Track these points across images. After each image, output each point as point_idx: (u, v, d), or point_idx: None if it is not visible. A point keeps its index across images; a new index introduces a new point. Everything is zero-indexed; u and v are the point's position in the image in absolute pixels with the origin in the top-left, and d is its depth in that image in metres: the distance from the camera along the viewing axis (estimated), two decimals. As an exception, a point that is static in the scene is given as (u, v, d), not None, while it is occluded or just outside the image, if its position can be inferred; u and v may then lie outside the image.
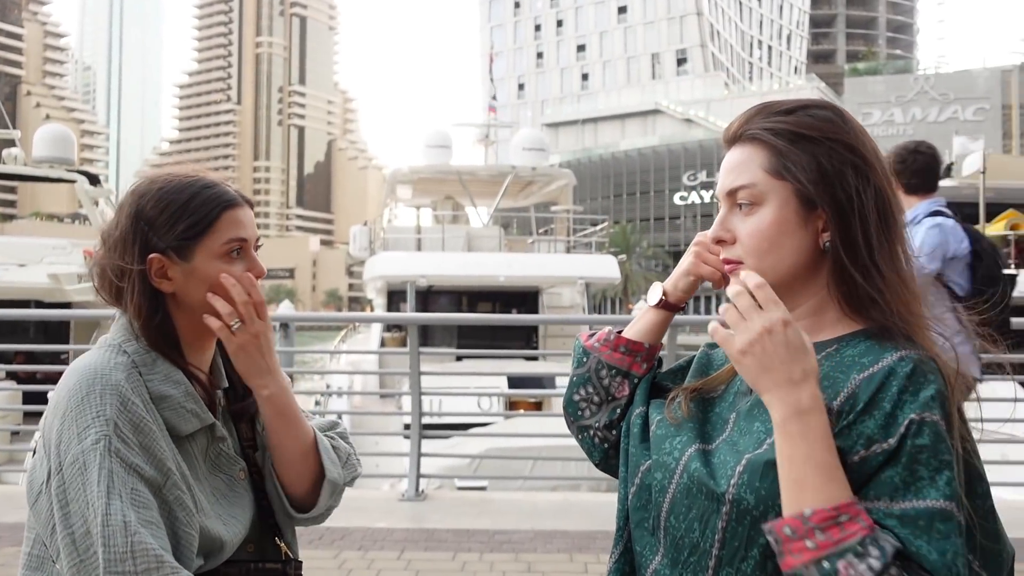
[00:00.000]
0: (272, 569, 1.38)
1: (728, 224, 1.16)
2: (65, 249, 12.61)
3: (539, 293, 15.42)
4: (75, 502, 1.18)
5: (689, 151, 66.57)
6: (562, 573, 4.15)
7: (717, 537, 1.05)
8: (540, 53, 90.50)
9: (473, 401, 9.45)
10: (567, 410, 1.34)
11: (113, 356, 1.29)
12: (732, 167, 1.16)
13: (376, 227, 17.94)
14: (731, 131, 1.18)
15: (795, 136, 1.11)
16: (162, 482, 1.23)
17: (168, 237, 1.34)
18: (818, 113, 1.13)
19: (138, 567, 1.14)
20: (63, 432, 1.22)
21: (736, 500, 1.03)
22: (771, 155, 1.12)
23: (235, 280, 1.35)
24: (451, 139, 18.24)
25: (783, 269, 1.12)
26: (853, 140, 1.11)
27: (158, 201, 1.35)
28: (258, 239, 1.44)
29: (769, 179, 1.12)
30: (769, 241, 1.11)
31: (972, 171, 14.35)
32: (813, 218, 1.11)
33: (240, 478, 1.40)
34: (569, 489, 7.32)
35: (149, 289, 1.35)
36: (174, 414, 1.29)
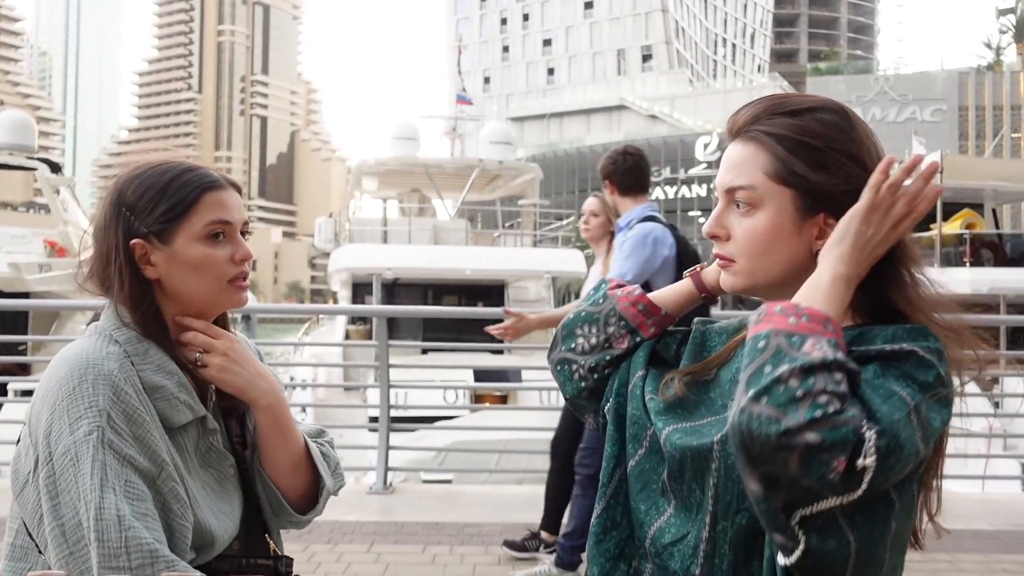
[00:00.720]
0: (264, 565, 1.37)
1: (724, 220, 1.16)
2: (25, 238, 12.36)
3: (505, 287, 15.42)
4: (65, 493, 1.16)
5: (654, 147, 66.84)
6: (531, 565, 4.15)
7: (710, 494, 1.07)
8: (506, 47, 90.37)
9: (439, 394, 9.44)
10: (561, 336, 1.34)
11: (105, 345, 1.27)
12: (733, 165, 1.15)
13: (341, 219, 17.82)
14: (737, 124, 1.17)
15: (798, 143, 1.10)
16: (156, 473, 1.21)
17: (148, 221, 1.32)
18: (824, 118, 1.12)
19: (132, 562, 1.12)
20: (53, 422, 1.19)
21: (724, 455, 1.05)
22: (773, 159, 1.11)
23: (189, 326, 1.36)
24: (419, 131, 18.15)
25: (775, 272, 1.13)
26: (856, 149, 1.11)
27: (138, 186, 1.34)
28: (246, 223, 1.41)
29: (769, 183, 1.11)
30: (763, 245, 1.12)
31: (930, 171, 14.58)
32: (809, 225, 1.11)
33: (230, 475, 1.38)
34: (535, 482, 7.34)
35: (135, 275, 1.33)
36: (167, 405, 1.27)
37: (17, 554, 1.27)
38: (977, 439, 7.33)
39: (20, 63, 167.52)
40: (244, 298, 1.41)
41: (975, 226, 14.84)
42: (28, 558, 1.26)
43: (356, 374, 12.16)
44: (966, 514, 4.98)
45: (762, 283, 1.15)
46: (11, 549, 1.28)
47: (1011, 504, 5.56)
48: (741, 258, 1.15)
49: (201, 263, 1.34)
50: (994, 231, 16.18)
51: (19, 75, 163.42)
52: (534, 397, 10.36)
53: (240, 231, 1.40)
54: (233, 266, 1.37)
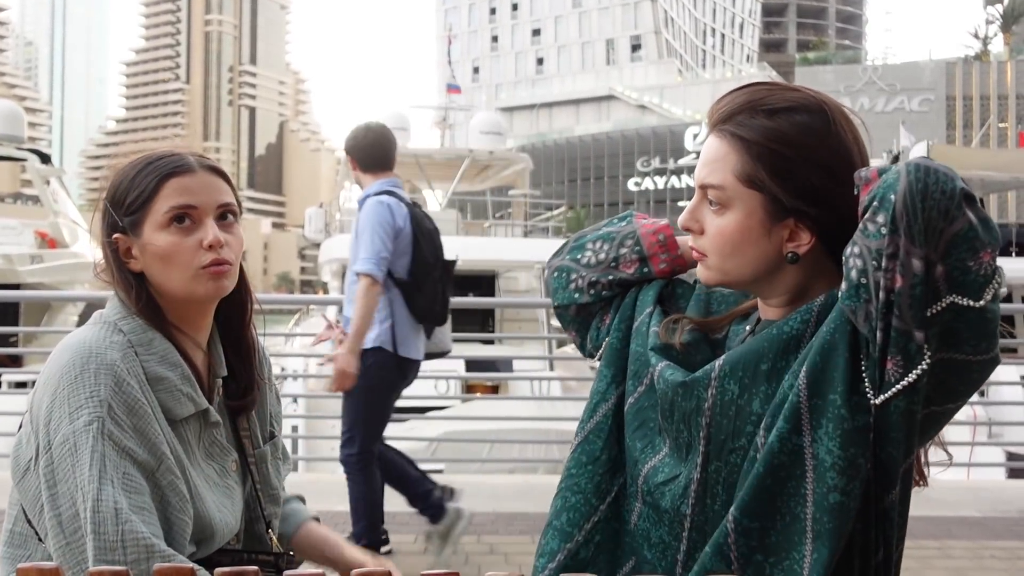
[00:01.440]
0: (264, 560, 1.36)
1: (698, 214, 1.16)
2: (15, 229, 12.29)
3: (495, 277, 15.42)
4: (63, 483, 1.15)
5: (643, 137, 66.91)
6: (524, 554, 4.17)
7: (702, 434, 1.07)
8: (495, 37, 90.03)
9: (430, 384, 9.44)
10: (570, 247, 1.35)
11: (109, 334, 1.26)
12: (707, 161, 1.14)
13: (332, 209, 17.77)
14: (716, 115, 1.15)
15: (768, 150, 1.08)
16: (155, 466, 1.20)
17: (121, 214, 1.31)
18: (801, 121, 1.08)
19: (128, 556, 1.12)
20: (54, 410, 1.18)
21: (720, 390, 1.07)
22: (744, 161, 1.09)
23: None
24: (409, 122, 18.10)
25: (746, 272, 1.13)
26: (829, 157, 1.08)
27: (117, 179, 1.34)
28: (226, 205, 1.34)
29: (738, 185, 1.10)
30: (732, 246, 1.12)
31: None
32: (778, 228, 1.10)
33: (232, 469, 1.37)
34: (527, 471, 7.37)
35: (123, 270, 1.32)
36: (169, 396, 1.26)
37: (16, 541, 1.27)
38: (962, 427, 7.38)
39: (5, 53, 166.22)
40: (222, 286, 1.32)
41: (962, 216, 14.91)
42: (27, 545, 1.26)
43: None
44: (953, 501, 5.01)
45: (734, 280, 1.16)
46: (9, 536, 1.28)
47: (997, 491, 5.61)
48: (712, 255, 1.14)
49: (167, 252, 1.29)
50: (982, 220, 16.26)
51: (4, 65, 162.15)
52: (525, 387, 10.38)
53: (222, 215, 1.33)
54: (204, 252, 1.29)
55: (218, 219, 1.33)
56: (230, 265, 1.33)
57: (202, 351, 1.37)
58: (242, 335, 1.44)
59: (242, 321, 1.44)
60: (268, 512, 1.43)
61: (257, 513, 1.42)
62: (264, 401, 1.49)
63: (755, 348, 1.08)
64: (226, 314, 1.42)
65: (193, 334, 1.35)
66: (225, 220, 1.34)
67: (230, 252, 1.32)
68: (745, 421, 1.05)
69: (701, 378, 1.09)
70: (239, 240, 1.36)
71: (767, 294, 1.16)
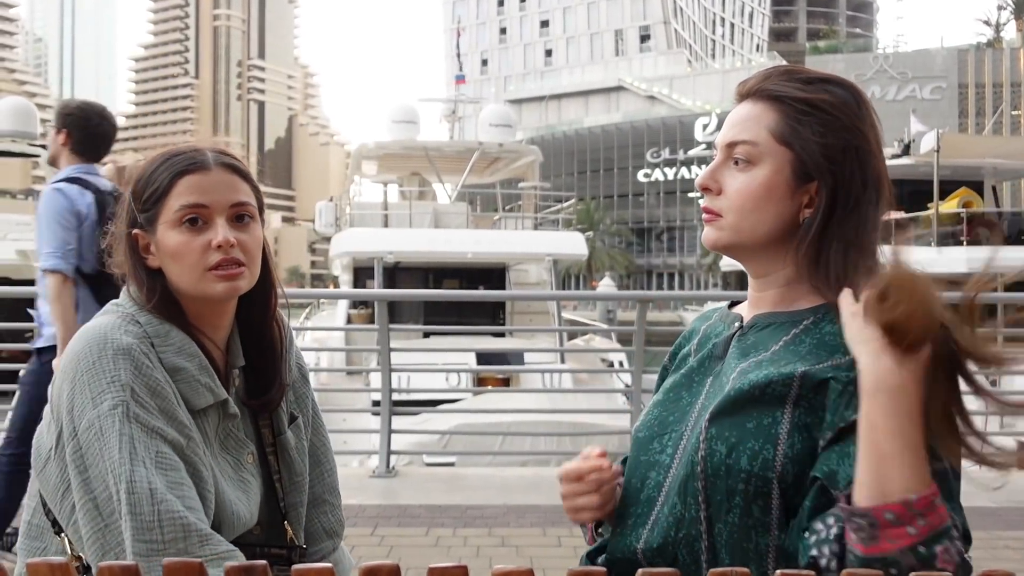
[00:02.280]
0: (277, 555, 1.35)
1: (718, 175, 1.17)
2: (29, 225, 12.38)
3: (506, 270, 15.42)
4: (94, 467, 1.15)
5: (652, 128, 66.71)
6: (535, 547, 4.17)
7: (701, 498, 1.07)
8: (503, 28, 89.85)
9: (441, 377, 9.46)
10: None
11: (124, 323, 1.26)
12: (738, 120, 1.16)
13: (342, 203, 17.79)
14: (746, 86, 1.18)
15: (808, 107, 1.12)
16: (184, 443, 1.20)
17: (139, 210, 1.31)
18: (836, 91, 1.13)
19: (165, 536, 1.12)
20: (75, 397, 1.18)
21: (709, 454, 1.06)
22: (780, 119, 1.13)
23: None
24: (418, 114, 18.09)
25: (761, 232, 1.13)
26: (862, 125, 1.12)
27: (138, 175, 1.33)
28: (240, 205, 1.32)
29: (772, 141, 1.12)
30: (755, 201, 1.12)
31: (927, 149, 14.57)
32: (802, 191, 1.12)
33: (248, 462, 1.36)
34: (538, 464, 7.38)
35: (141, 265, 1.32)
36: (187, 387, 1.26)
37: (33, 532, 1.28)
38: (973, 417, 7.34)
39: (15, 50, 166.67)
40: (232, 287, 1.30)
41: (972, 205, 14.82)
42: (43, 537, 1.27)
43: (359, 358, 12.18)
44: (966, 491, 5.00)
45: (746, 242, 1.15)
46: (27, 527, 1.29)
47: (1011, 481, 5.59)
48: (730, 213, 1.15)
49: (176, 251, 1.28)
50: (994, 209, 16.17)
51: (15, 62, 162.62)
52: (536, 379, 10.38)
53: (238, 215, 1.31)
54: (211, 253, 1.27)
55: (233, 219, 1.31)
56: (241, 266, 1.30)
57: (219, 346, 1.36)
58: (263, 332, 1.42)
59: (263, 318, 1.42)
60: (288, 502, 1.42)
61: (275, 504, 1.41)
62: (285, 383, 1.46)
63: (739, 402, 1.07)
64: (247, 310, 1.41)
65: (210, 330, 1.35)
66: (240, 220, 1.32)
67: (241, 253, 1.30)
68: (736, 480, 1.05)
69: (694, 443, 1.09)
70: (255, 240, 1.33)
71: (766, 269, 1.17)
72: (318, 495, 1.49)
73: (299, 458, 1.44)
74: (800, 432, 1.03)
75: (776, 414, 1.04)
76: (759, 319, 1.17)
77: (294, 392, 1.48)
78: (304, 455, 1.45)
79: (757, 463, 1.03)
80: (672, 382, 1.24)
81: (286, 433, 1.43)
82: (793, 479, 1.02)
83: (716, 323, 1.27)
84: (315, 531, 1.48)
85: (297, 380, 1.50)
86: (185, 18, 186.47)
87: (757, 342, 1.14)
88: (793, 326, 1.12)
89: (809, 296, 1.13)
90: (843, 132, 1.11)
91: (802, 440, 1.02)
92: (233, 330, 1.40)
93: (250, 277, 1.32)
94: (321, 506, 1.50)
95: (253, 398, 1.39)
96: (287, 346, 1.47)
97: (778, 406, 1.04)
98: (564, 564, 3.91)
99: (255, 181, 1.37)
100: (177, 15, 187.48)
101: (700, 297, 25.60)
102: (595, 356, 13.10)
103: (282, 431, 1.42)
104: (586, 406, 9.18)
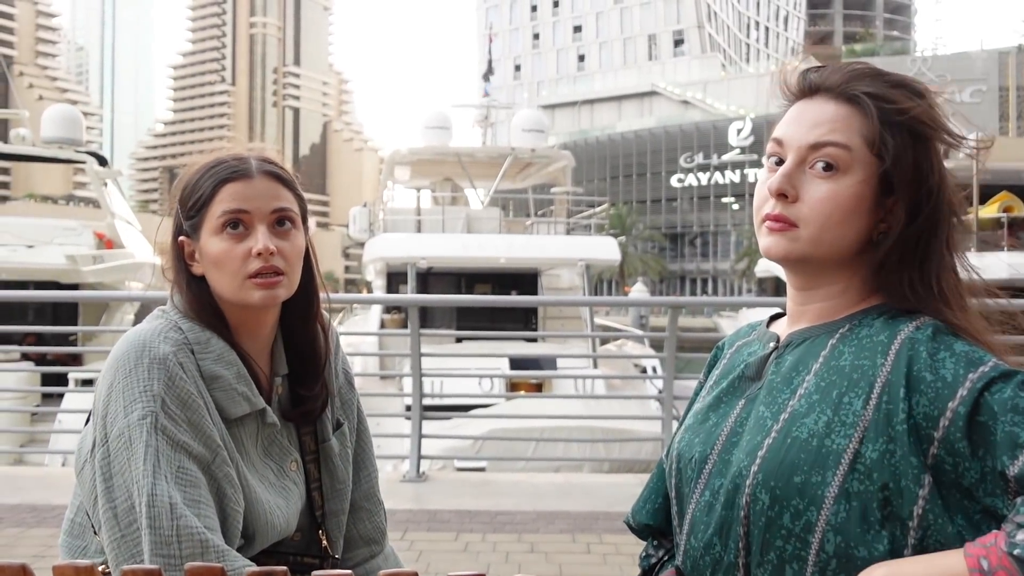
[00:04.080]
0: (310, 564, 1.36)
1: (795, 180, 1.05)
2: (75, 230, 12.65)
3: (538, 275, 15.42)
4: (119, 475, 1.17)
5: (686, 133, 66.36)
6: (564, 553, 4.16)
7: (741, 544, 1.03)
8: (536, 34, 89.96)
9: (474, 382, 9.47)
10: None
11: (166, 330, 1.27)
12: (824, 120, 1.05)
13: (376, 208, 17.92)
14: (821, 82, 1.08)
15: (899, 119, 1.04)
16: (211, 458, 1.21)
17: (185, 217, 1.33)
18: (919, 100, 1.05)
19: (183, 551, 1.13)
20: (110, 403, 1.21)
21: (753, 500, 1.01)
22: (872, 125, 1.03)
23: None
24: (451, 121, 18.17)
25: (841, 247, 1.05)
26: (943, 135, 1.06)
27: (184, 182, 1.35)
28: (282, 211, 1.32)
29: (864, 149, 1.03)
30: (842, 212, 1.03)
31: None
32: (884, 205, 1.04)
33: (291, 469, 1.37)
34: (571, 470, 7.36)
35: (185, 272, 1.33)
36: (224, 395, 1.27)
37: (75, 531, 1.30)
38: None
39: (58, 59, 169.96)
40: (272, 295, 1.30)
41: (1013, 209, 14.55)
42: (85, 536, 1.29)
43: (392, 363, 12.23)
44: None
45: (822, 255, 1.06)
46: (70, 525, 1.32)
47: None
48: (810, 224, 1.04)
49: (217, 258, 1.29)
50: (1036, 214, 15.85)
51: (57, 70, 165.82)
52: (569, 385, 10.36)
53: (279, 220, 1.31)
54: (252, 260, 1.28)
55: (274, 225, 1.31)
56: (280, 275, 1.30)
57: (262, 353, 1.37)
58: (306, 339, 1.42)
59: (305, 324, 1.42)
60: (328, 509, 1.42)
61: (311, 512, 1.41)
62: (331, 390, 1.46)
63: (792, 450, 1.01)
64: (289, 317, 1.41)
65: (252, 337, 1.35)
66: (282, 227, 1.31)
67: (282, 260, 1.30)
68: (775, 535, 1.00)
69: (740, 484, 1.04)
70: (295, 247, 1.32)
71: (819, 282, 1.10)
72: (354, 501, 1.49)
73: (343, 465, 1.44)
74: (848, 500, 0.96)
75: (827, 475, 0.97)
76: (795, 336, 1.11)
77: (340, 398, 1.48)
78: (348, 462, 1.45)
79: (799, 523, 0.98)
80: (703, 405, 1.18)
81: (330, 440, 1.43)
82: (835, 549, 0.96)
83: (752, 341, 1.21)
84: (352, 537, 1.48)
85: (343, 386, 1.50)
86: (222, 26, 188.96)
87: (797, 363, 1.08)
88: (829, 336, 1.07)
89: (851, 306, 1.09)
90: (929, 144, 1.05)
91: (848, 508, 0.96)
92: (277, 337, 1.40)
93: (289, 285, 1.32)
94: (357, 512, 1.49)
95: (296, 406, 1.39)
96: (333, 353, 1.47)
97: (831, 466, 0.97)
98: (593, 571, 3.89)
99: (298, 189, 1.37)
100: (214, 23, 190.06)
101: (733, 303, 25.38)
102: (628, 361, 13.05)
103: (326, 438, 1.42)
104: (619, 412, 9.14)
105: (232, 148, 1.37)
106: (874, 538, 0.95)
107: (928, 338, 0.99)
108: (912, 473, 0.94)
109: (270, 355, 1.38)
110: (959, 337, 0.99)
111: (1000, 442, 0.90)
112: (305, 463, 1.40)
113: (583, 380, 10.41)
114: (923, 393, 0.96)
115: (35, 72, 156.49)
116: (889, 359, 0.99)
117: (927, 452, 0.94)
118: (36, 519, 4.46)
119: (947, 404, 0.94)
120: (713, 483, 1.08)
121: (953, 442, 0.93)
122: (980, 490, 0.92)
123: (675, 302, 6.55)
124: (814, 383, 1.04)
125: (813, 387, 1.04)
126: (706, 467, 1.10)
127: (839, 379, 1.02)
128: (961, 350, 0.97)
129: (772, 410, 1.05)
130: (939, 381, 0.95)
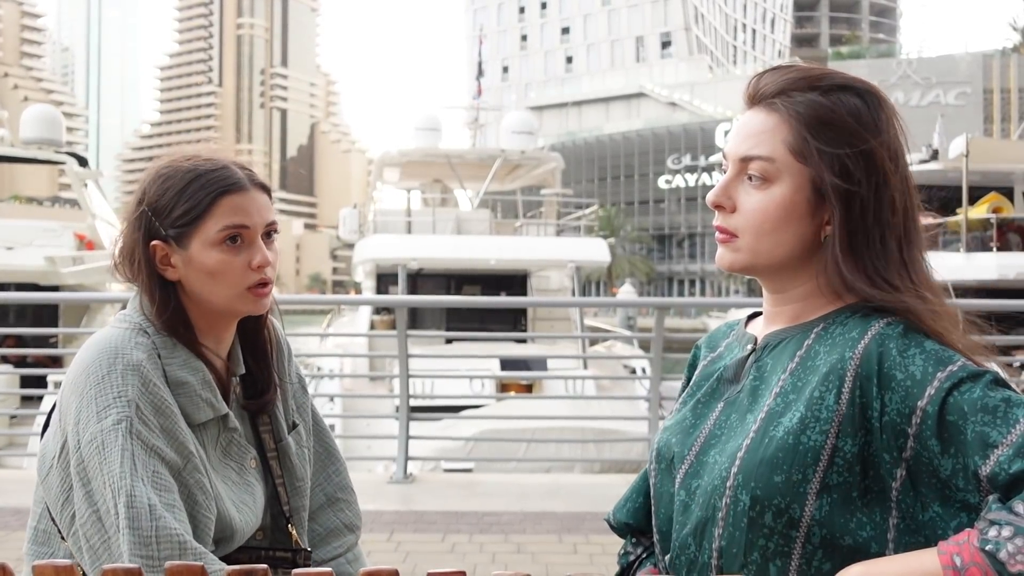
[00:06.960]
0: (282, 557, 1.37)
1: (731, 191, 1.09)
2: (55, 231, 12.54)
3: (528, 276, 15.43)
4: (96, 479, 1.17)
5: (673, 135, 66.52)
6: (551, 554, 4.17)
7: (714, 546, 1.03)
8: (524, 36, 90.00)
9: (465, 383, 9.47)
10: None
11: (134, 336, 1.27)
12: (752, 132, 1.08)
13: (365, 210, 17.91)
14: (759, 90, 1.10)
15: (826, 123, 1.04)
16: (182, 465, 1.22)
17: (167, 224, 1.31)
18: (852, 102, 1.06)
19: (161, 552, 1.13)
20: (82, 410, 1.20)
21: (733, 502, 1.02)
22: (798, 134, 1.05)
23: None
24: (440, 122, 18.20)
25: (780, 253, 1.07)
26: (883, 136, 1.05)
27: (160, 185, 1.32)
28: (271, 224, 1.35)
29: (790, 158, 1.05)
30: (773, 222, 1.06)
31: (956, 155, 14.44)
32: (822, 209, 1.05)
33: (251, 466, 1.38)
34: (562, 470, 7.37)
35: (156, 276, 1.32)
36: (188, 401, 1.28)
37: (40, 538, 1.30)
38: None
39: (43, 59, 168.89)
40: (264, 305, 1.35)
41: (1002, 210, 14.64)
42: (51, 542, 1.28)
43: (382, 364, 12.22)
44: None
45: (764, 263, 1.09)
46: (34, 533, 1.31)
47: None
48: (746, 234, 1.08)
49: (216, 270, 1.30)
50: (1024, 215, 15.95)
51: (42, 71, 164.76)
52: (559, 386, 10.37)
53: (265, 232, 1.34)
54: (251, 273, 1.31)
55: (265, 237, 1.34)
56: (272, 284, 1.36)
57: (221, 357, 1.39)
58: (258, 336, 1.46)
59: (257, 326, 1.45)
60: (291, 506, 1.44)
61: (279, 508, 1.42)
62: (286, 392, 1.49)
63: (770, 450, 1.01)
64: (244, 320, 1.43)
65: (216, 342, 1.37)
66: (270, 238, 1.35)
67: (272, 270, 1.35)
68: (758, 535, 1.00)
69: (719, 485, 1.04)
70: (277, 255, 1.37)
71: (785, 286, 1.11)
72: (331, 494, 1.55)
73: (300, 463, 1.46)
74: (829, 493, 0.98)
75: (807, 472, 0.98)
76: (771, 338, 1.12)
77: (295, 401, 1.52)
78: (305, 461, 1.48)
79: (782, 521, 0.99)
80: (683, 406, 1.19)
81: (287, 439, 1.45)
82: (820, 541, 0.98)
83: (731, 343, 1.21)
84: (335, 527, 1.53)
85: (297, 390, 1.53)
86: (209, 27, 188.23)
87: (775, 364, 1.09)
88: (805, 336, 1.08)
89: (826, 306, 1.09)
90: (858, 144, 1.04)
91: (831, 501, 0.98)
92: (235, 340, 1.42)
93: (272, 292, 1.37)
94: (336, 504, 1.55)
95: (250, 399, 1.42)
96: (279, 348, 1.51)
97: (810, 463, 0.99)
98: (580, 572, 3.90)
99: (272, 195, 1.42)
100: (201, 24, 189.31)
101: (719, 304, 25.43)
102: (617, 362, 13.08)
103: (282, 437, 1.45)
104: (609, 413, 9.16)
105: (198, 148, 1.37)
106: (858, 525, 0.98)
107: (899, 335, 1.00)
108: (886, 467, 0.97)
109: (228, 356, 1.40)
110: (929, 336, 1.00)
111: (971, 442, 0.92)
112: (268, 460, 1.42)
113: (573, 381, 10.43)
114: (894, 391, 0.97)
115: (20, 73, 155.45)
116: (858, 352, 1.01)
117: (904, 446, 0.97)
118: (20, 522, 4.43)
119: (916, 403, 0.96)
120: (689, 483, 1.09)
121: (925, 439, 0.95)
122: (954, 485, 0.94)
123: (662, 303, 6.58)
124: (790, 382, 1.05)
125: (789, 386, 1.05)
126: (682, 467, 1.11)
127: (813, 377, 1.03)
128: (931, 348, 0.98)
129: (751, 412, 1.07)
130: (909, 379, 0.97)
